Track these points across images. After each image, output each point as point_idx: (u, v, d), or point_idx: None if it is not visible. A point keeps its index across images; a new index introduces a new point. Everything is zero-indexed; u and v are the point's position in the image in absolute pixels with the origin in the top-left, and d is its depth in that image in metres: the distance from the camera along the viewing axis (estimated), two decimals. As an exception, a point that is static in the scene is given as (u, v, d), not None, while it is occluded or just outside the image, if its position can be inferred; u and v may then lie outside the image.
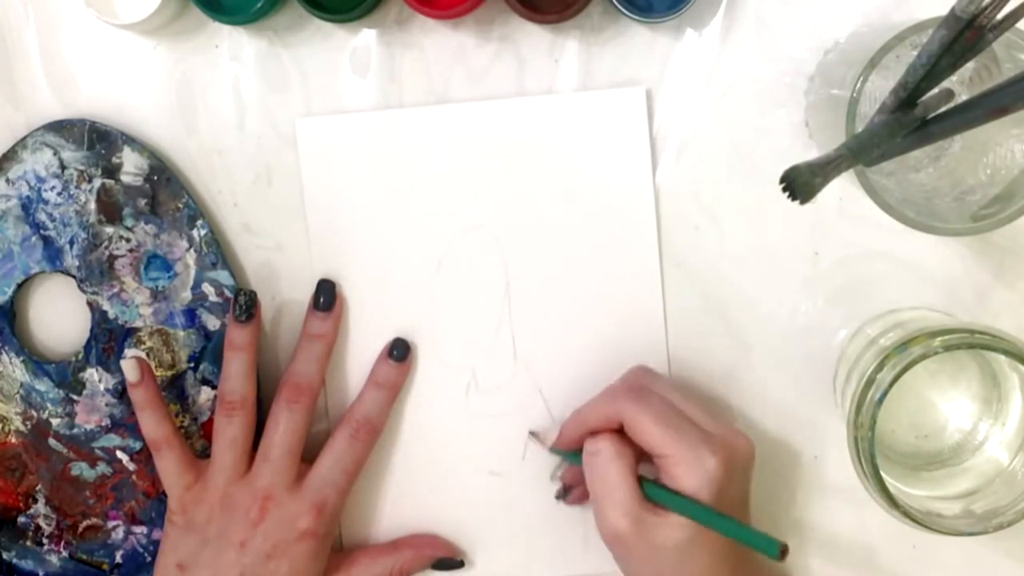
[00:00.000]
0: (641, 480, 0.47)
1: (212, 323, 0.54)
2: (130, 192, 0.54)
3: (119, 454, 0.54)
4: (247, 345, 0.52)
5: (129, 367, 0.51)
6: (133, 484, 0.55)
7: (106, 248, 0.54)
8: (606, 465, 0.47)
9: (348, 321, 0.55)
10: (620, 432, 0.48)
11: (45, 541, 0.55)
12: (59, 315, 0.56)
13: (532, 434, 0.54)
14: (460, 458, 0.55)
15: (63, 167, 0.54)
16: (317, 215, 0.55)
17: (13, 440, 0.55)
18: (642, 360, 0.54)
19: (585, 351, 0.55)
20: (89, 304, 0.54)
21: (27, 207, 0.54)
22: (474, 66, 0.54)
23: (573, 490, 0.54)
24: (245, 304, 0.52)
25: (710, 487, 0.45)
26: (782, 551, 0.44)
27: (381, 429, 0.54)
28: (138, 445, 0.54)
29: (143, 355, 0.54)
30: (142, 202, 0.54)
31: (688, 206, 0.54)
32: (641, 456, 0.48)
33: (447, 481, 0.55)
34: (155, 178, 0.54)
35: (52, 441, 0.54)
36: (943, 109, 0.42)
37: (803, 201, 0.40)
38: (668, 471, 0.46)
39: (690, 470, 0.45)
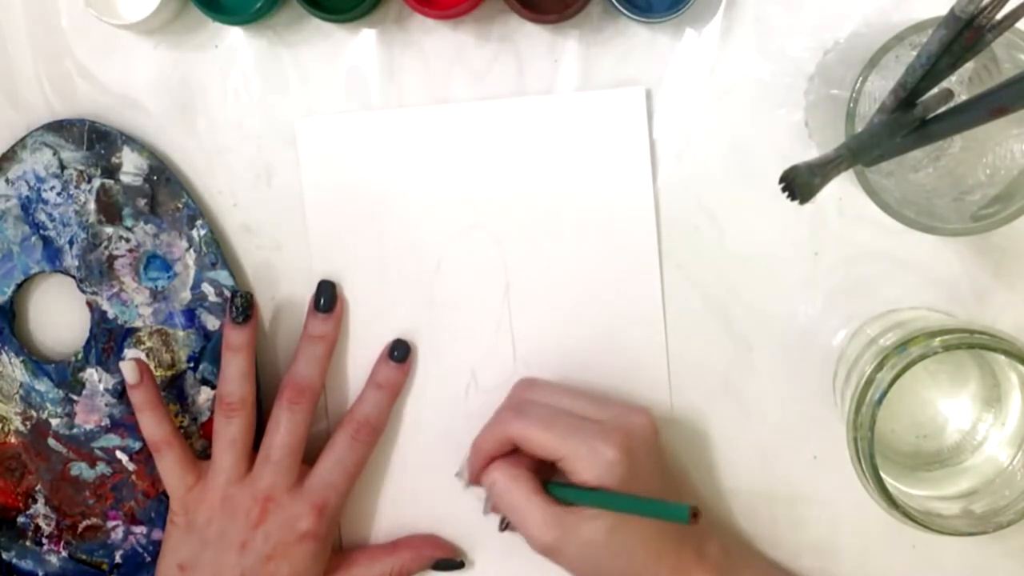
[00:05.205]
0: (547, 484, 0.47)
1: (212, 323, 0.54)
2: (130, 192, 0.54)
3: (118, 454, 0.54)
4: (244, 346, 0.52)
5: (128, 369, 0.51)
6: (133, 484, 0.55)
7: (106, 248, 0.54)
8: (507, 493, 0.48)
9: (348, 322, 0.55)
10: (514, 452, 0.49)
11: (45, 541, 0.55)
12: (59, 315, 0.56)
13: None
14: (460, 458, 0.55)
15: (63, 167, 0.54)
16: (317, 215, 0.55)
17: (13, 440, 0.55)
18: (642, 360, 0.54)
19: (585, 351, 0.54)
20: (89, 304, 0.54)
21: (27, 207, 0.54)
22: (474, 66, 0.54)
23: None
24: (242, 306, 0.52)
25: (612, 474, 0.45)
26: (693, 514, 0.44)
27: (382, 430, 0.54)
28: (137, 445, 0.54)
29: (143, 356, 0.54)
30: (142, 202, 0.54)
31: (688, 206, 0.54)
32: (545, 464, 0.48)
33: (447, 481, 0.55)
34: (155, 178, 0.54)
35: (52, 441, 0.54)
36: (943, 109, 0.42)
37: (803, 201, 0.40)
38: (570, 470, 0.47)
39: (588, 463, 0.46)
